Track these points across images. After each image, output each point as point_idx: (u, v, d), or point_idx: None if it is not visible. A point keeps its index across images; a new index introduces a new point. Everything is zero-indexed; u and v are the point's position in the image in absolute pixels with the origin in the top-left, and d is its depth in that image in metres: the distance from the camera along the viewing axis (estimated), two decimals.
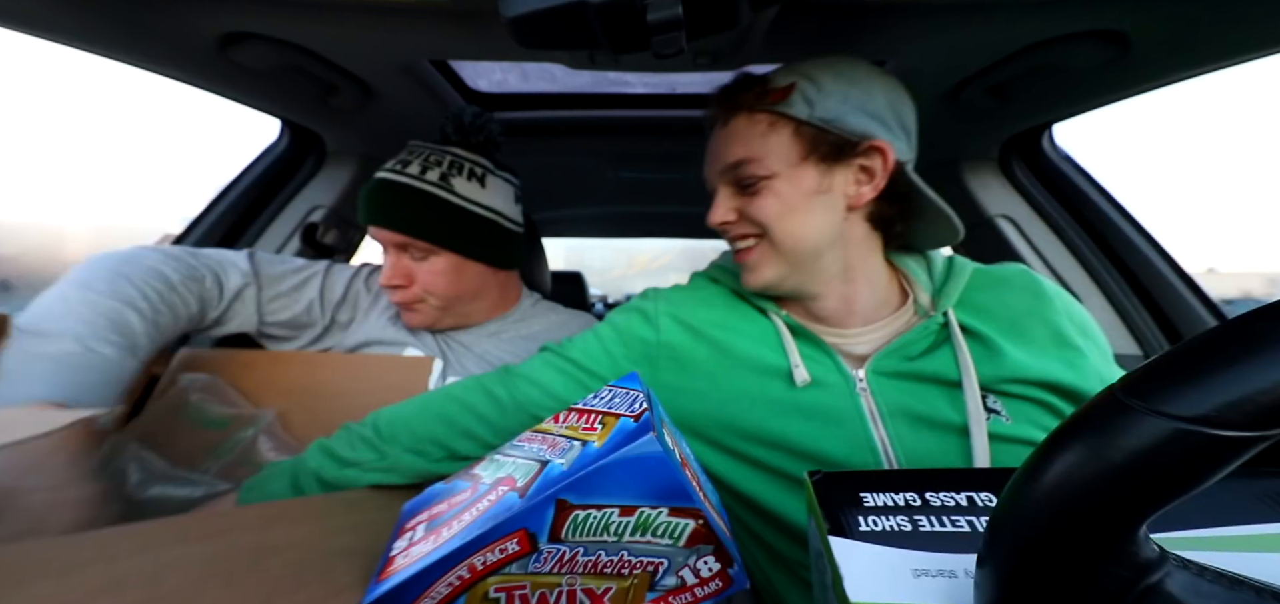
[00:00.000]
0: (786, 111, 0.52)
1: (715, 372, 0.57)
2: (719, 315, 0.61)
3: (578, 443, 0.36)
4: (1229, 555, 0.22)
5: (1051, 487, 0.21)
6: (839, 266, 0.56)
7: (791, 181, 0.53)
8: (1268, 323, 0.18)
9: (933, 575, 0.30)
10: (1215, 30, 0.58)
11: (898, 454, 0.51)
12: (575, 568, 0.34)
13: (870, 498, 0.35)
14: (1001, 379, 0.50)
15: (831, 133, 0.52)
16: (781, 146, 0.53)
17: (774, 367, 0.56)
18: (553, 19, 0.42)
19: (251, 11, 0.60)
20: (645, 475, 0.33)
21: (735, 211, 0.56)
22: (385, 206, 0.73)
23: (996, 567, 0.23)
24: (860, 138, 0.52)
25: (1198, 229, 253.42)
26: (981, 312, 0.55)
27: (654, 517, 0.34)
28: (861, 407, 0.53)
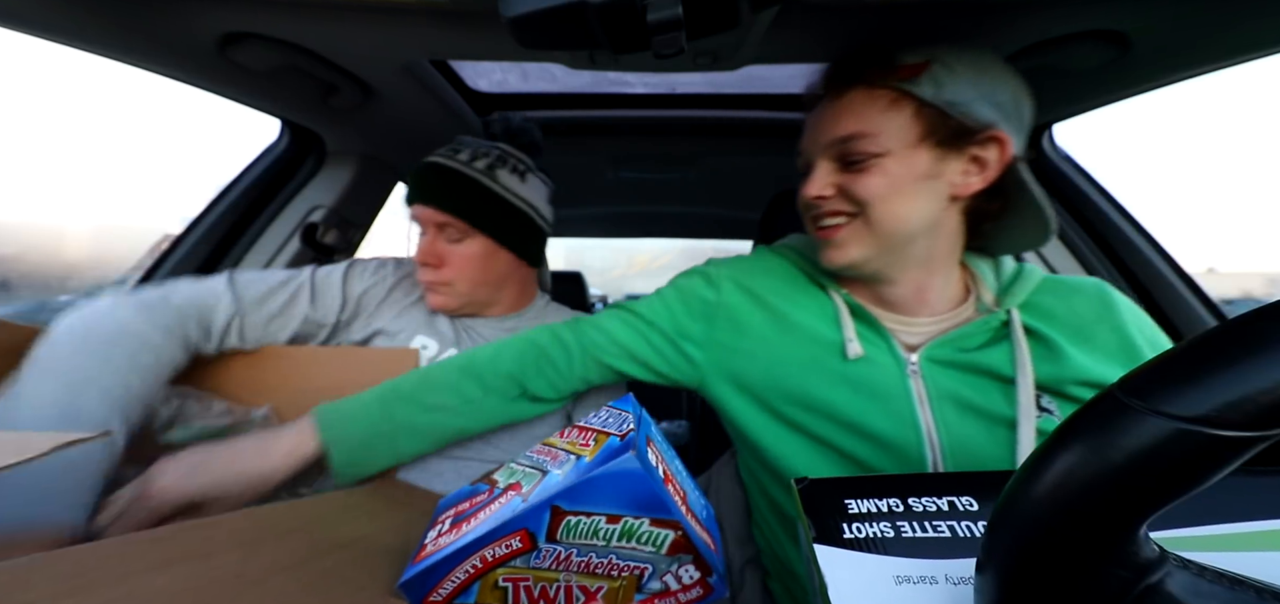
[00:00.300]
0: (912, 90, 0.50)
1: (769, 336, 0.60)
2: (778, 285, 0.63)
3: (573, 456, 0.41)
4: (1229, 554, 0.22)
5: (1051, 487, 0.21)
6: (923, 255, 0.56)
7: (904, 162, 0.51)
8: (1268, 323, 0.18)
9: (913, 581, 0.30)
10: (1215, 30, 0.58)
11: (941, 438, 0.52)
12: (570, 567, 0.39)
13: (855, 504, 0.35)
14: (1061, 380, 0.50)
15: (954, 118, 0.50)
16: (900, 125, 0.51)
17: (828, 339, 0.57)
18: (553, 19, 0.42)
19: (251, 11, 0.60)
20: (627, 488, 0.37)
21: (834, 187, 0.54)
22: (432, 187, 0.76)
23: (996, 568, 0.23)
24: (982, 127, 0.51)
25: (1198, 229, 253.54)
26: (1047, 315, 0.54)
27: (637, 526, 0.38)
28: (910, 388, 0.54)
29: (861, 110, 0.52)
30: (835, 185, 0.54)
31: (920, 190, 0.52)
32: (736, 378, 0.61)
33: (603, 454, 0.39)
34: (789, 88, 1.01)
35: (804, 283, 0.63)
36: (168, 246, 1.02)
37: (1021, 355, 0.51)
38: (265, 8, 0.59)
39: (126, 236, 24.74)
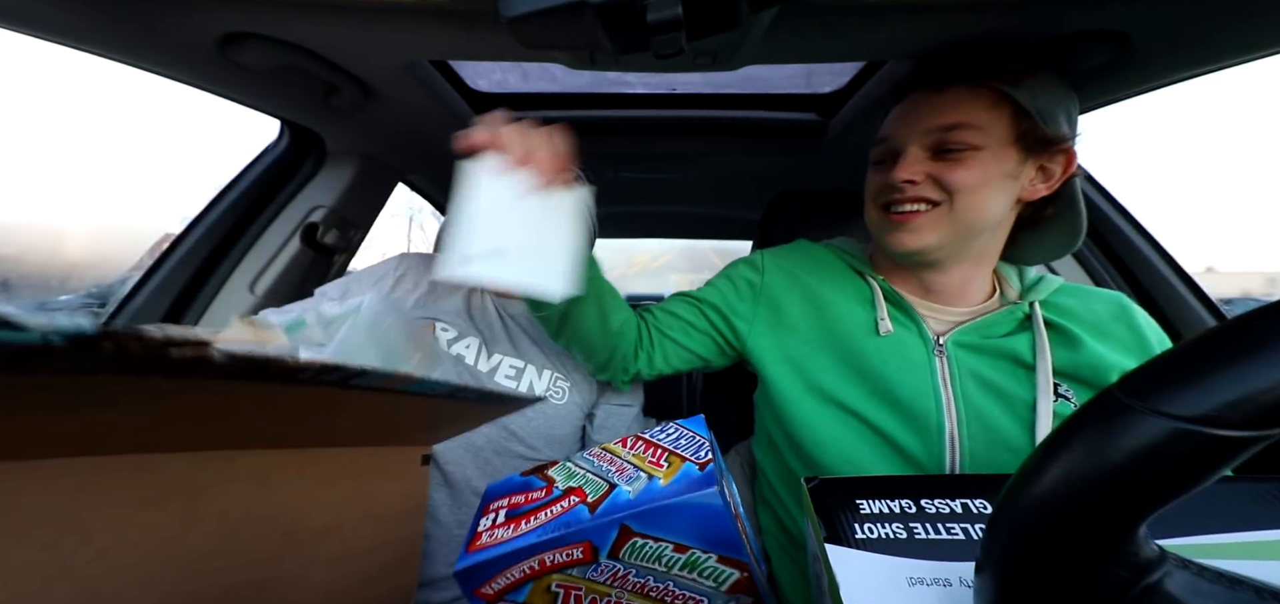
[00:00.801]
0: (1013, 93, 0.55)
1: (808, 311, 0.67)
2: (818, 268, 0.70)
3: (644, 475, 0.40)
4: (1229, 563, 0.22)
5: (1051, 486, 0.21)
6: (980, 250, 0.61)
7: (997, 158, 0.55)
8: (1268, 323, 0.18)
9: (927, 583, 0.30)
10: (1215, 30, 0.58)
11: (960, 410, 0.56)
12: (626, 585, 0.38)
13: (866, 505, 0.35)
14: (1079, 367, 0.55)
15: (1041, 125, 0.55)
16: (1000, 122, 0.55)
17: (861, 317, 0.64)
18: (553, 19, 0.42)
19: (251, 11, 0.60)
20: (703, 522, 0.36)
21: (924, 173, 0.57)
22: None
23: (996, 567, 0.23)
24: (1061, 139, 0.56)
25: (1197, 229, 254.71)
26: (1067, 312, 0.59)
27: (703, 559, 0.37)
28: (935, 366, 0.59)
29: (966, 104, 0.56)
30: (925, 172, 0.57)
31: (1002, 188, 0.56)
32: (777, 348, 0.67)
33: (681, 481, 0.37)
34: (789, 88, 1.01)
35: (843, 269, 0.70)
36: (168, 247, 1.02)
37: (1041, 342, 0.56)
38: (265, 8, 0.59)
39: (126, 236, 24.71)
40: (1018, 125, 0.55)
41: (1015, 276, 0.66)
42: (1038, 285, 0.63)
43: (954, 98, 0.57)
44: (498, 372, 0.79)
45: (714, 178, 1.38)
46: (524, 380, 0.80)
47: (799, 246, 0.76)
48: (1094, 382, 0.54)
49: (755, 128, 1.08)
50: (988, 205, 0.56)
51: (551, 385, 0.80)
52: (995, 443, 0.55)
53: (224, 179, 1.06)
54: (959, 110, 0.56)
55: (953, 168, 0.56)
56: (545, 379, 0.81)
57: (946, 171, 0.56)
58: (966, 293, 0.63)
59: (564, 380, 0.82)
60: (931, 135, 0.57)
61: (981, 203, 0.56)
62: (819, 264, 0.71)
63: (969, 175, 0.55)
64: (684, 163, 1.28)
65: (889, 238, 0.61)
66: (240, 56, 0.68)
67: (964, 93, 0.56)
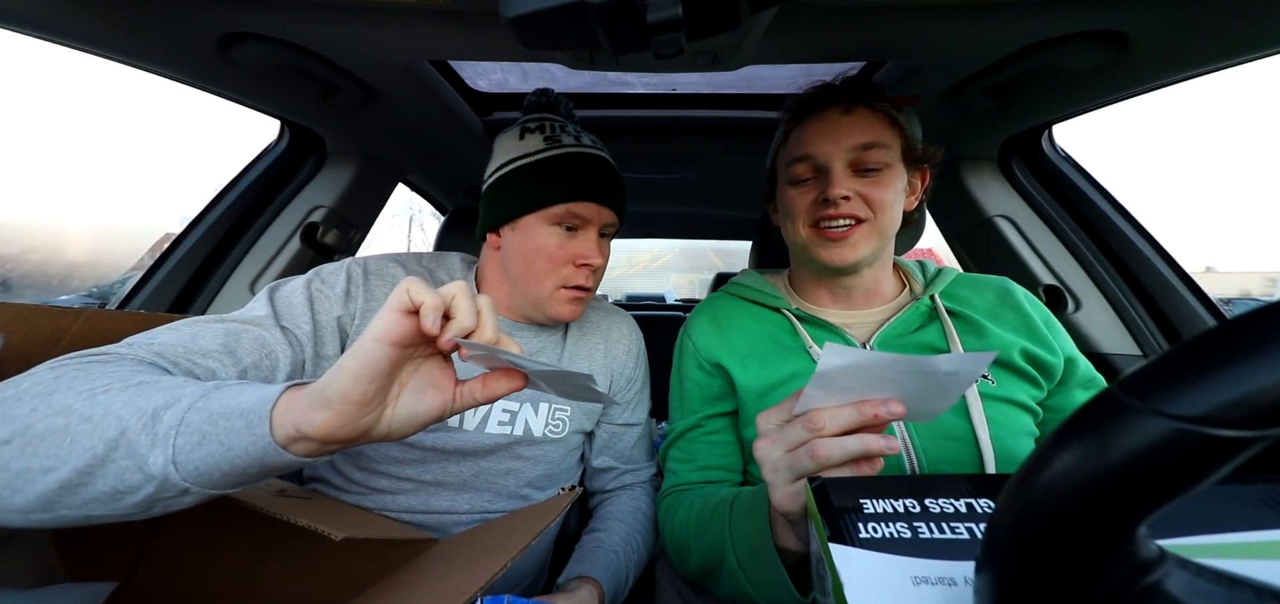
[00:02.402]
0: (898, 118, 0.63)
1: (747, 365, 0.67)
2: (736, 319, 0.72)
3: None
4: (1229, 562, 0.22)
5: (1051, 486, 0.21)
6: (887, 254, 0.68)
7: (898, 175, 0.63)
8: (1267, 323, 0.18)
9: (932, 582, 0.30)
10: (1215, 30, 0.58)
11: None
12: None
13: (870, 504, 0.35)
14: (986, 350, 0.59)
15: (916, 147, 0.65)
16: (896, 144, 0.63)
17: (790, 349, 0.67)
18: (553, 19, 0.42)
19: (251, 11, 0.60)
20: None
21: (854, 192, 0.61)
22: (612, 185, 0.71)
23: (996, 567, 0.23)
24: (926, 157, 0.66)
25: (1197, 229, 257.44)
26: (964, 301, 0.67)
27: None
28: None
29: (875, 125, 0.62)
30: (854, 189, 0.61)
31: (900, 200, 0.64)
32: (740, 400, 0.68)
33: None
34: (789, 88, 1.01)
35: (757, 311, 0.72)
36: (168, 247, 1.02)
37: (949, 330, 0.63)
38: (265, 8, 0.59)
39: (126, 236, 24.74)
40: (904, 144, 0.63)
41: (918, 271, 0.72)
42: (937, 278, 0.70)
43: (864, 119, 0.62)
44: (489, 421, 0.70)
45: (714, 178, 1.38)
46: (518, 423, 0.72)
47: (710, 306, 0.76)
48: (1002, 360, 0.61)
49: (755, 128, 1.08)
50: (897, 216, 0.64)
51: (550, 421, 0.74)
52: (940, 435, 0.58)
53: (224, 179, 1.06)
54: (871, 131, 0.61)
55: (874, 185, 0.61)
56: (542, 416, 0.73)
57: (869, 188, 0.61)
58: (879, 291, 0.69)
59: (562, 409, 0.75)
60: (852, 154, 0.62)
61: (895, 215, 0.63)
62: (736, 314, 0.73)
63: (887, 192, 0.61)
64: (684, 163, 1.28)
65: (824, 254, 0.64)
66: (240, 56, 0.68)
67: (868, 115, 0.62)
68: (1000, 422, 0.57)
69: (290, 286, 0.64)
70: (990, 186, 1.04)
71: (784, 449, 0.43)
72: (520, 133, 0.72)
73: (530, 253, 0.70)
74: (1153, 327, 0.91)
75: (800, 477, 0.42)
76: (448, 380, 0.43)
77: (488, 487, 0.70)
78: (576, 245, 0.70)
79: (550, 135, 0.71)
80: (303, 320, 0.61)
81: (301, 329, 0.61)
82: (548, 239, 0.69)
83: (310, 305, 0.63)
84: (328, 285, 0.66)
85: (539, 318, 0.74)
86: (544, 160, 0.69)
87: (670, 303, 3.00)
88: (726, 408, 0.70)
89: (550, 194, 0.68)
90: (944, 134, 0.95)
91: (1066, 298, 0.99)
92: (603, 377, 0.80)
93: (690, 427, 0.70)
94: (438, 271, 0.77)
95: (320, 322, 0.63)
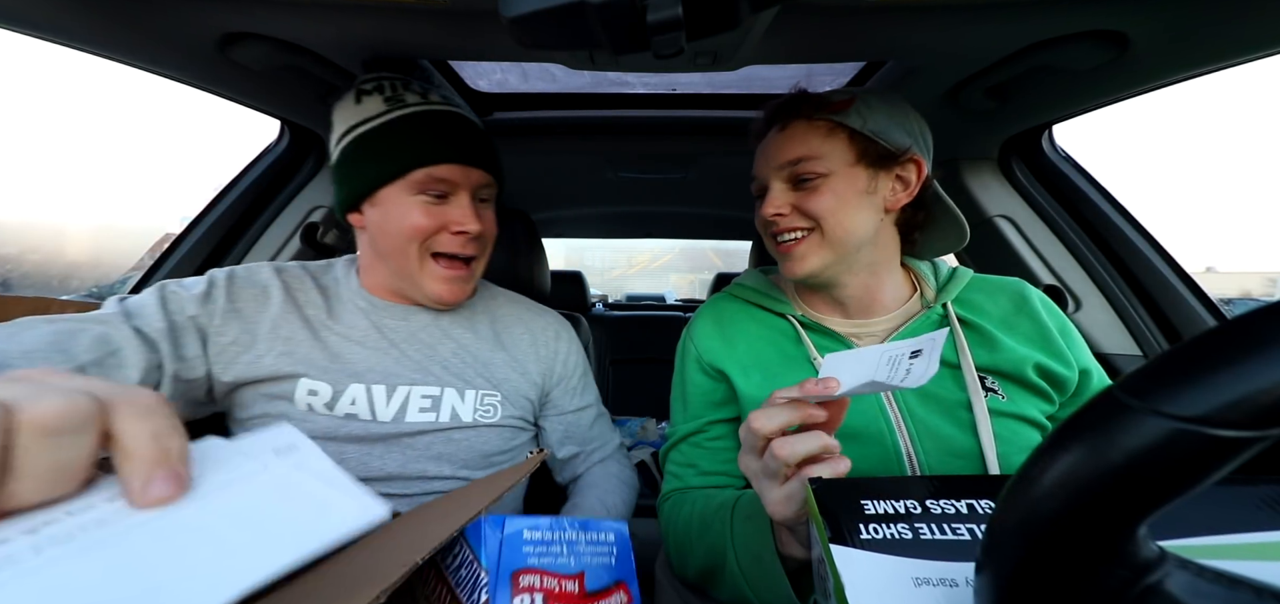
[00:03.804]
0: (842, 121, 0.60)
1: (750, 373, 0.66)
2: (741, 324, 0.70)
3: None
4: (1230, 563, 0.22)
5: (1051, 486, 0.21)
6: (869, 260, 0.64)
7: (846, 180, 0.60)
8: (1268, 323, 0.18)
9: (933, 584, 0.30)
10: (1215, 30, 0.58)
11: (908, 425, 0.59)
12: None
13: (871, 505, 0.35)
14: (999, 364, 0.60)
15: (879, 143, 0.60)
16: (839, 149, 0.60)
17: (796, 355, 0.66)
18: (553, 19, 0.42)
19: (251, 11, 0.60)
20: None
21: (789, 206, 0.62)
22: (470, 139, 0.65)
23: (996, 568, 0.23)
24: (902, 150, 0.61)
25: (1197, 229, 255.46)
26: (979, 309, 0.65)
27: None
28: None
29: (805, 138, 0.61)
30: (790, 204, 0.62)
31: (862, 204, 0.61)
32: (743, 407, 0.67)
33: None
34: (789, 88, 1.01)
35: (761, 315, 0.71)
36: (168, 247, 1.02)
37: (960, 342, 0.61)
38: (265, 8, 0.59)
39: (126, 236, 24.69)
40: (856, 147, 0.60)
41: (931, 274, 0.69)
42: (950, 282, 0.67)
43: (795, 133, 0.62)
44: (407, 409, 0.66)
45: (714, 178, 1.38)
46: (443, 408, 0.68)
47: (713, 308, 0.74)
48: (1014, 374, 0.59)
49: None
50: (853, 223, 0.61)
51: (479, 405, 0.70)
52: (946, 452, 0.57)
53: (224, 179, 1.06)
54: (800, 145, 0.61)
55: (809, 197, 0.61)
56: (469, 402, 0.69)
57: (805, 201, 0.61)
58: (879, 300, 0.66)
59: (492, 394, 0.71)
60: (784, 170, 0.62)
61: (846, 221, 0.60)
62: (739, 319, 0.71)
63: (824, 201, 0.60)
64: (684, 163, 1.28)
65: (782, 267, 0.66)
66: (240, 56, 0.68)
67: (803, 128, 0.62)
68: (1008, 438, 0.56)
69: (143, 292, 0.62)
70: (990, 186, 1.04)
71: (756, 457, 0.44)
72: (356, 96, 0.65)
73: (395, 228, 0.64)
74: (1153, 326, 0.91)
75: (781, 481, 0.42)
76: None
77: (419, 475, 0.66)
78: (449, 211, 0.65)
79: (391, 95, 0.64)
80: (155, 319, 0.58)
81: (154, 326, 0.58)
82: (412, 210, 0.64)
83: (163, 306, 0.60)
84: (183, 287, 0.64)
85: (422, 298, 0.70)
86: (389, 122, 0.63)
87: (670, 303, 3.00)
88: (729, 413, 0.69)
89: (403, 158, 0.62)
90: (944, 134, 0.95)
91: (1066, 298, 0.99)
92: (534, 368, 0.77)
93: (692, 431, 0.70)
94: (323, 278, 0.73)
95: (176, 322, 0.60)
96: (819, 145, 0.61)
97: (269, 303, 0.66)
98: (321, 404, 0.64)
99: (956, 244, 0.69)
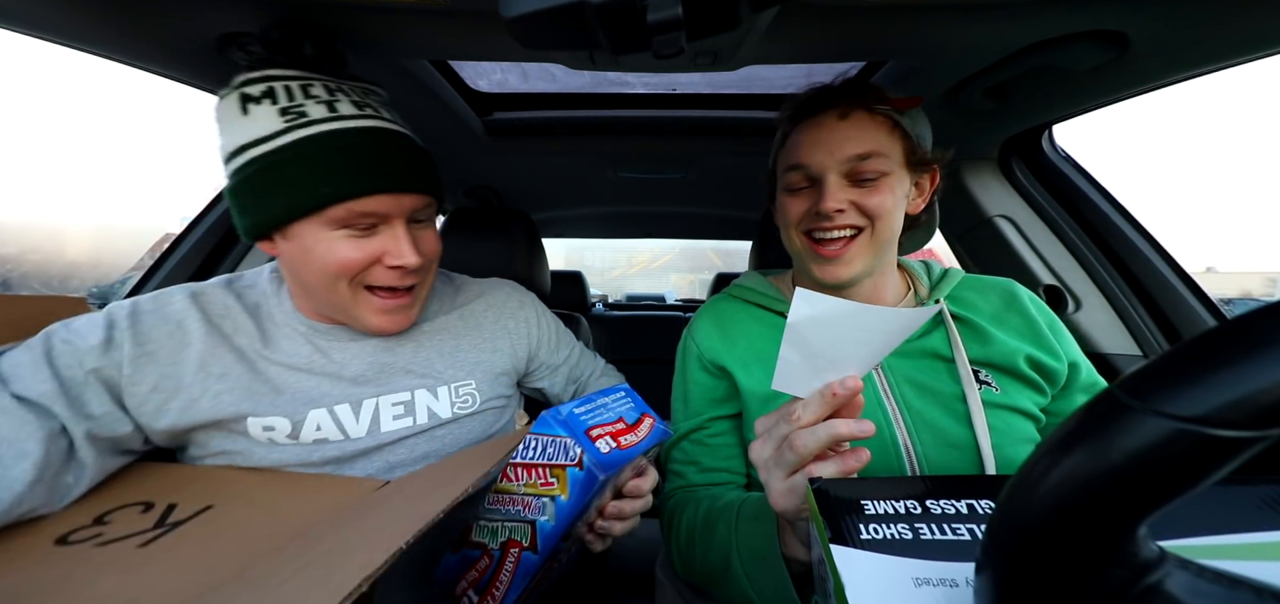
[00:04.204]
0: (901, 121, 0.60)
1: (750, 370, 0.67)
2: (741, 324, 0.71)
3: (547, 499, 0.51)
4: (1230, 563, 0.22)
5: (1051, 486, 0.21)
6: (887, 261, 0.66)
7: (899, 181, 0.60)
8: (1267, 323, 0.18)
9: (934, 584, 0.30)
10: (1215, 30, 0.58)
11: (904, 416, 0.60)
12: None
13: (871, 505, 0.35)
14: (991, 357, 0.61)
15: (919, 148, 0.62)
16: (897, 148, 0.60)
17: None
18: (553, 19, 0.42)
19: (252, 11, 0.60)
20: (595, 489, 0.50)
21: (848, 202, 0.59)
22: (402, 163, 0.55)
23: (995, 568, 0.23)
24: (933, 159, 0.64)
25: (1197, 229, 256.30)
26: (970, 306, 0.66)
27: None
28: (874, 377, 0.62)
29: (872, 132, 0.59)
30: (849, 200, 0.59)
31: (902, 206, 0.62)
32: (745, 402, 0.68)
33: (576, 488, 0.49)
34: (789, 88, 1.01)
35: (761, 315, 0.72)
36: (168, 247, 1.02)
37: (954, 337, 0.62)
38: (265, 8, 0.59)
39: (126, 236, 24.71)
40: (906, 149, 0.60)
41: (923, 272, 0.72)
42: (943, 281, 0.69)
43: (860, 125, 0.59)
44: (380, 419, 0.61)
45: (714, 178, 1.38)
46: (418, 411, 0.63)
47: (713, 309, 0.75)
48: (1006, 367, 0.61)
49: (755, 128, 1.08)
50: (897, 224, 0.61)
51: (455, 399, 0.66)
52: (942, 442, 0.57)
53: (224, 179, 1.06)
54: (870, 139, 0.58)
55: (870, 194, 0.59)
56: (444, 398, 0.65)
57: (865, 198, 0.59)
58: (881, 296, 0.68)
59: (466, 382, 0.67)
60: (848, 163, 0.59)
61: (894, 223, 0.61)
62: (739, 319, 0.71)
63: (886, 200, 0.59)
64: (684, 163, 1.28)
65: (818, 269, 0.63)
66: (240, 57, 0.68)
67: (867, 120, 0.59)
68: (1002, 429, 0.57)
69: (17, 348, 0.51)
70: (990, 186, 1.04)
71: (772, 447, 0.44)
72: (241, 104, 0.53)
73: (317, 265, 0.55)
74: (1153, 326, 0.91)
75: (790, 472, 0.42)
76: None
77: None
78: (378, 243, 0.56)
79: (288, 106, 0.52)
80: (37, 381, 0.49)
81: (38, 390, 0.48)
82: (335, 246, 0.54)
83: (49, 362, 0.50)
84: (75, 335, 0.52)
85: (361, 328, 0.62)
86: (289, 147, 0.51)
87: (670, 303, 3.00)
88: (730, 410, 0.70)
89: (316, 193, 0.51)
90: (944, 134, 0.95)
91: (1066, 298, 0.99)
92: (503, 343, 0.74)
93: (694, 428, 0.70)
94: (249, 297, 0.64)
95: (68, 378, 0.50)
96: (885, 141, 0.59)
97: (188, 340, 0.56)
98: (284, 436, 0.57)
99: (924, 240, 0.76)
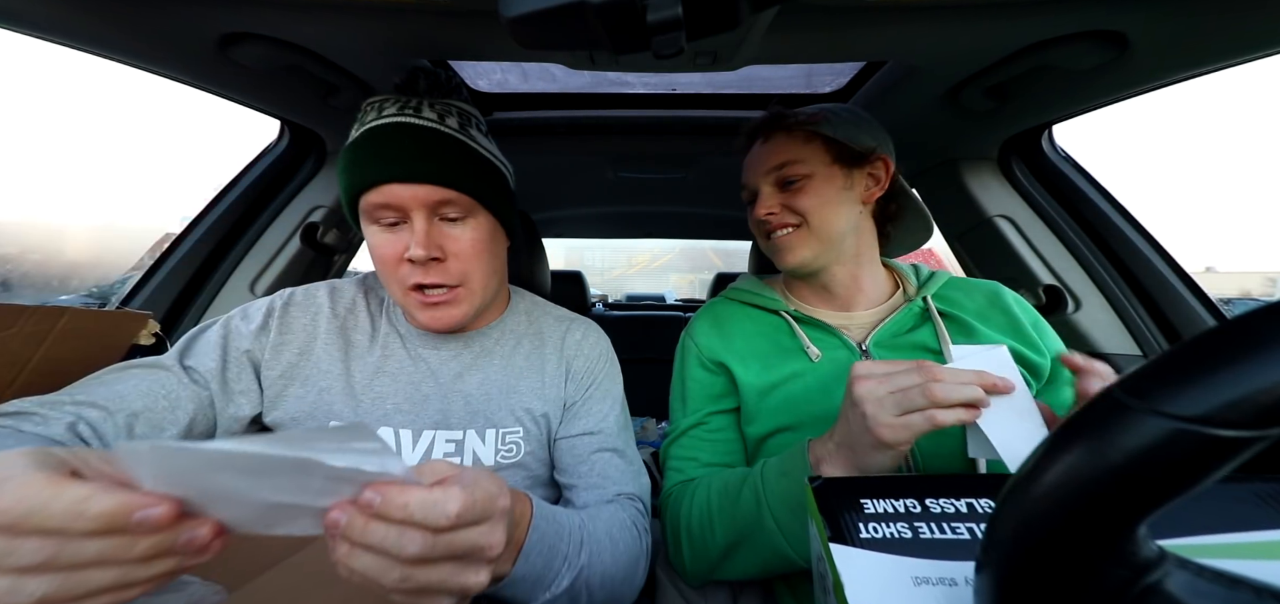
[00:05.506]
0: (817, 129, 0.68)
1: (749, 365, 0.71)
2: (738, 323, 0.75)
3: None
4: (1229, 563, 0.22)
5: (1051, 486, 0.21)
6: (853, 250, 0.72)
7: (826, 179, 0.68)
8: (1267, 323, 0.18)
9: (933, 583, 0.30)
10: (1215, 30, 0.58)
11: None
12: None
13: (871, 504, 0.35)
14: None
15: (850, 146, 0.68)
16: (817, 152, 0.69)
17: (791, 352, 0.70)
18: (553, 19, 0.42)
19: (251, 11, 0.60)
20: None
21: (779, 205, 0.70)
22: (415, 153, 0.56)
23: (995, 567, 0.23)
24: (869, 150, 0.69)
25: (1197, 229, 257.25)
26: (956, 303, 0.71)
27: None
28: None
29: (787, 145, 0.69)
30: (780, 203, 0.70)
31: (842, 199, 0.69)
32: (740, 400, 0.72)
33: None
34: (789, 88, 1.01)
35: (757, 314, 0.76)
36: (168, 247, 1.02)
37: (940, 331, 0.67)
38: (265, 8, 0.59)
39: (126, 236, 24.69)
40: (831, 150, 0.68)
41: (912, 273, 0.77)
42: (930, 280, 0.74)
43: (778, 143, 0.70)
44: (432, 455, 0.62)
45: (714, 178, 1.38)
46: (466, 453, 0.64)
47: (711, 310, 0.80)
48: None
49: None
50: (836, 215, 0.69)
51: (500, 446, 0.65)
52: (936, 434, 0.56)
53: (224, 179, 1.06)
54: (784, 151, 0.69)
55: (795, 196, 0.69)
56: (490, 443, 0.64)
57: (792, 200, 0.69)
58: (863, 289, 0.73)
59: (514, 430, 0.65)
60: (771, 174, 0.70)
61: (830, 215, 0.68)
62: (736, 318, 0.76)
63: (808, 198, 0.68)
64: (684, 163, 1.28)
65: (776, 259, 0.73)
66: (240, 56, 0.68)
67: (784, 138, 0.70)
68: None
69: (211, 327, 0.63)
70: (990, 186, 1.04)
71: (892, 389, 0.47)
72: (375, 104, 0.62)
73: (372, 256, 0.62)
74: (1153, 327, 0.91)
75: (907, 412, 0.45)
76: None
77: None
78: (402, 238, 0.58)
79: (382, 109, 0.60)
80: (207, 357, 0.59)
81: (206, 366, 0.59)
82: (373, 238, 0.60)
83: (222, 341, 0.61)
84: (246, 321, 0.64)
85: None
86: (351, 142, 0.60)
87: (670, 303, 3.00)
88: (729, 406, 0.73)
89: (349, 183, 0.59)
90: (944, 134, 0.95)
91: (1066, 298, 0.99)
92: (553, 370, 0.70)
93: (693, 424, 0.72)
94: (378, 290, 0.72)
95: (230, 357, 0.61)
96: (800, 150, 0.68)
97: (316, 333, 0.65)
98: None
99: (924, 237, 0.79)
